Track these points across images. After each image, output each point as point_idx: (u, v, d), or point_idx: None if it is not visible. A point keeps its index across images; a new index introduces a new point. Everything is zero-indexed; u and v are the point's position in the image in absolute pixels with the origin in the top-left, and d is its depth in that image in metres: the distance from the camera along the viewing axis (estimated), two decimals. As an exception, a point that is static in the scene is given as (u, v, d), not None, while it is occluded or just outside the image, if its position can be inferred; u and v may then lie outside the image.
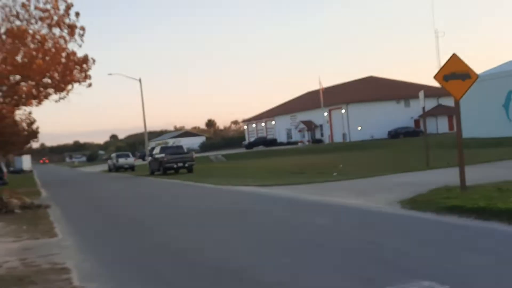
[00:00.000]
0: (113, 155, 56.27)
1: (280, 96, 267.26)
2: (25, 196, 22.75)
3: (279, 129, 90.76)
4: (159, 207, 16.73)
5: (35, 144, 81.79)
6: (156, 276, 7.44)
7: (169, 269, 7.81)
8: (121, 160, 51.50)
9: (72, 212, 17.33)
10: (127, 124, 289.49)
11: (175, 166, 36.28)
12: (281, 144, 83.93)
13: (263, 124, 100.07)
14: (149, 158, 41.95)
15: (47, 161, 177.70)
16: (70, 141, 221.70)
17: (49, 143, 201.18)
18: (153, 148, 46.13)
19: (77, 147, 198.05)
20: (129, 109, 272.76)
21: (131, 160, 52.02)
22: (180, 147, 39.86)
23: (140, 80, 57.25)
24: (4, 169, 34.54)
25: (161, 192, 23.13)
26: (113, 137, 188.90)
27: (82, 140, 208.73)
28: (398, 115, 71.30)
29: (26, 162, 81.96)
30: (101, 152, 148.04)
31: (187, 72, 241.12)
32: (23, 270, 8.41)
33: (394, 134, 68.59)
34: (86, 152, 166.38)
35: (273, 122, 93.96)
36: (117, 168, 50.83)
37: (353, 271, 6.75)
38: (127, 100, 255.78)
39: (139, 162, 68.33)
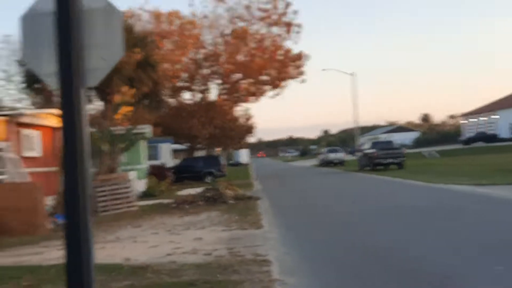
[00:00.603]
0: (324, 149, 57.22)
1: (505, 88, 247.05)
2: (238, 188, 24.12)
3: (502, 124, 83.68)
4: (365, 204, 16.36)
5: (252, 139, 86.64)
6: (357, 277, 7.13)
7: (372, 272, 7.43)
8: (331, 155, 52.05)
9: (279, 205, 17.81)
10: (339, 119, 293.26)
11: (384, 161, 35.45)
12: (503, 140, 77.25)
13: (483, 118, 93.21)
14: (359, 153, 41.67)
15: (263, 155, 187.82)
16: (284, 136, 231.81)
17: (266, 138, 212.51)
18: (363, 143, 45.76)
19: (290, 142, 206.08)
20: (341, 104, 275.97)
21: (340, 155, 52.29)
22: (390, 142, 38.86)
23: (352, 75, 57.27)
24: (223, 162, 37.02)
25: (368, 188, 22.70)
26: (325, 132, 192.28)
27: (295, 135, 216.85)
28: None
29: (243, 155, 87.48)
30: (312, 147, 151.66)
31: (402, 67, 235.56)
32: (228, 259, 8.73)
33: None
34: (298, 146, 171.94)
35: (496, 116, 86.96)
36: (327, 163, 51.49)
37: None
38: (340, 95, 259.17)
39: (349, 157, 68.43)
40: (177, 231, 12.54)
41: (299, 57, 42.46)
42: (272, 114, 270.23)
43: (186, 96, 45.37)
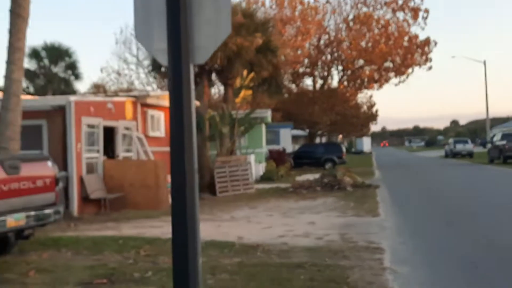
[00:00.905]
0: (451, 140, 54.62)
1: None
2: (357, 176, 23.69)
3: None
4: (491, 198, 15.38)
5: (375, 127, 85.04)
6: (474, 273, 6.70)
7: (492, 269, 6.95)
8: (459, 146, 49.57)
9: (399, 194, 17.25)
10: (469, 109, 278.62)
11: (518, 154, 33.13)
12: None
13: None
14: (489, 145, 39.30)
15: (387, 144, 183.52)
16: (409, 125, 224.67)
17: (390, 127, 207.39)
18: (494, 135, 43.05)
19: (416, 132, 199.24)
20: (471, 93, 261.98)
21: (469, 146, 49.62)
22: (524, 134, 36.18)
23: (484, 63, 54.00)
24: (344, 149, 36.59)
25: (496, 182, 21.34)
26: (453, 122, 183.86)
27: (421, 125, 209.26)
28: None
29: (366, 144, 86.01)
30: (439, 137, 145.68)
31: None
32: (340, 244, 8.57)
33: None
34: (424, 137, 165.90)
35: None
36: (454, 154, 49.13)
37: None
38: (470, 84, 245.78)
39: (480, 149, 64.85)
40: (292, 215, 12.56)
41: (426, 43, 40.73)
42: (398, 103, 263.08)
43: (308, 82, 45.30)
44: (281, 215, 12.56)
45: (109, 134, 14.82)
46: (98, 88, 39.26)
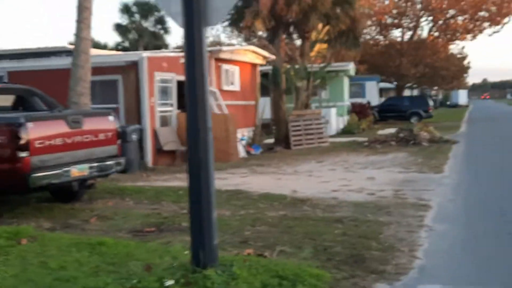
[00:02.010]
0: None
1: None
2: (441, 130, 23.10)
3: None
4: None
5: (475, 79, 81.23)
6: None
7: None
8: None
9: (475, 151, 16.75)
10: None
11: None
12: None
13: None
14: None
15: (488, 97, 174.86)
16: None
17: (492, 78, 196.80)
18: None
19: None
20: None
21: None
22: None
23: None
24: (430, 103, 35.51)
25: None
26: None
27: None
28: None
29: (462, 96, 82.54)
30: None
31: None
32: (389, 200, 8.65)
33: None
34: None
35: None
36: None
37: None
38: None
39: None
40: (354, 169, 12.66)
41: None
42: (501, 52, 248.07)
43: (396, 34, 43.86)
44: (344, 169, 12.69)
45: (183, 88, 15.39)
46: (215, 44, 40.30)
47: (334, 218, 7.35)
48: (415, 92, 56.42)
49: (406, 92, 50.63)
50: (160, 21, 41.15)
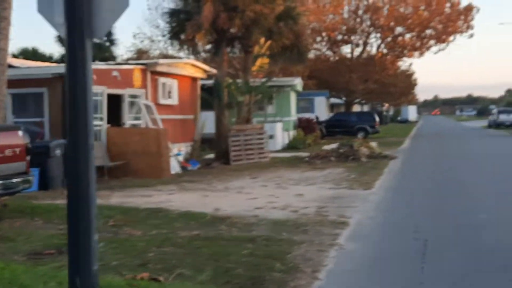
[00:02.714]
0: (495, 110, 52.82)
1: None
2: (381, 146, 23.31)
3: None
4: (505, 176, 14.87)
5: (427, 96, 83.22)
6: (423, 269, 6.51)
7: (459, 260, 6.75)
8: (502, 117, 47.88)
9: (411, 167, 16.94)
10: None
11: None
12: None
13: None
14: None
15: (438, 113, 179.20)
16: (463, 94, 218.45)
17: (443, 95, 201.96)
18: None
19: (469, 101, 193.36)
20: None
21: (513, 117, 47.87)
22: None
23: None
24: (377, 118, 35.93)
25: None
26: (508, 91, 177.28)
27: (476, 93, 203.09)
28: None
29: (412, 112, 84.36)
30: (492, 107, 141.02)
31: None
32: (310, 218, 8.48)
33: None
34: (477, 106, 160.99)
35: None
36: (497, 125, 47.53)
37: None
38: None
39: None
40: (286, 185, 12.50)
41: (468, 9, 39.17)
42: (451, 71, 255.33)
43: (346, 50, 44.42)
44: (276, 186, 12.51)
45: (116, 102, 15.01)
46: (141, 54, 39.72)
47: (247, 238, 7.11)
48: (366, 108, 57.22)
49: (358, 108, 51.27)
50: (107, 33, 40.46)
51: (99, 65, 15.08)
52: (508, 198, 10.28)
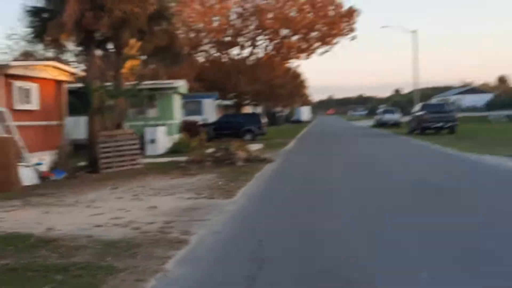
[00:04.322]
0: (380, 110, 54.84)
1: None
2: (265, 148, 22.99)
3: None
4: (370, 175, 14.86)
5: (322, 96, 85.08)
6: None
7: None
8: (386, 116, 49.77)
9: (286, 171, 16.57)
10: (412, 78, 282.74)
11: (434, 125, 33.13)
12: None
13: None
14: (410, 116, 39.37)
15: (333, 112, 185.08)
16: (356, 94, 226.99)
17: (338, 95, 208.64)
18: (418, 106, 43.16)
19: (361, 100, 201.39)
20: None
21: (396, 116, 49.84)
22: (442, 105, 36.38)
23: (414, 32, 54.01)
24: (262, 120, 35.78)
25: (398, 155, 21.03)
26: (396, 91, 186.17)
27: (367, 93, 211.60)
28: None
29: (304, 113, 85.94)
30: (381, 106, 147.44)
31: (480, 24, 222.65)
32: (148, 236, 7.66)
33: None
34: (368, 105, 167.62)
35: None
36: (382, 124, 49.29)
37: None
38: (411, 54, 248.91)
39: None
40: (144, 196, 11.62)
41: (350, 12, 40.14)
42: (344, 72, 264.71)
43: (235, 52, 44.16)
44: (132, 197, 11.58)
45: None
46: (27, 57, 37.06)
47: (61, 267, 6.17)
48: (260, 109, 57.30)
49: (250, 109, 51.11)
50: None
51: None
52: (364, 211, 10.03)
